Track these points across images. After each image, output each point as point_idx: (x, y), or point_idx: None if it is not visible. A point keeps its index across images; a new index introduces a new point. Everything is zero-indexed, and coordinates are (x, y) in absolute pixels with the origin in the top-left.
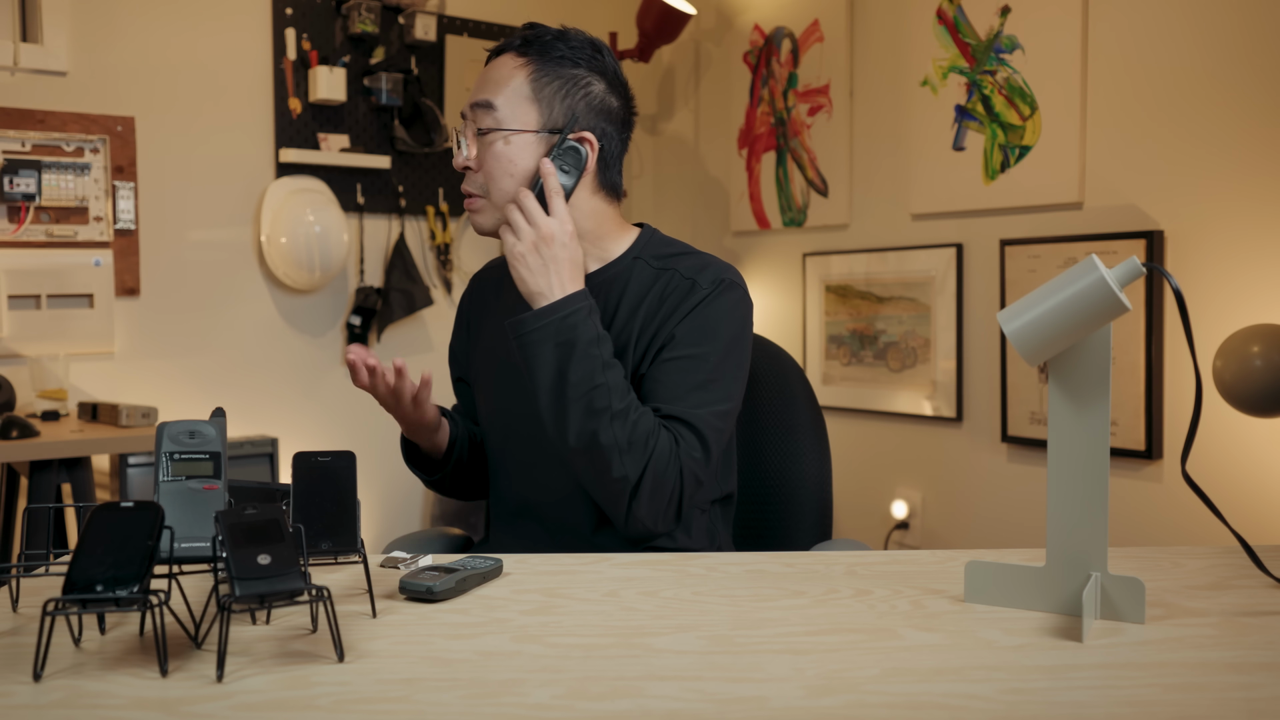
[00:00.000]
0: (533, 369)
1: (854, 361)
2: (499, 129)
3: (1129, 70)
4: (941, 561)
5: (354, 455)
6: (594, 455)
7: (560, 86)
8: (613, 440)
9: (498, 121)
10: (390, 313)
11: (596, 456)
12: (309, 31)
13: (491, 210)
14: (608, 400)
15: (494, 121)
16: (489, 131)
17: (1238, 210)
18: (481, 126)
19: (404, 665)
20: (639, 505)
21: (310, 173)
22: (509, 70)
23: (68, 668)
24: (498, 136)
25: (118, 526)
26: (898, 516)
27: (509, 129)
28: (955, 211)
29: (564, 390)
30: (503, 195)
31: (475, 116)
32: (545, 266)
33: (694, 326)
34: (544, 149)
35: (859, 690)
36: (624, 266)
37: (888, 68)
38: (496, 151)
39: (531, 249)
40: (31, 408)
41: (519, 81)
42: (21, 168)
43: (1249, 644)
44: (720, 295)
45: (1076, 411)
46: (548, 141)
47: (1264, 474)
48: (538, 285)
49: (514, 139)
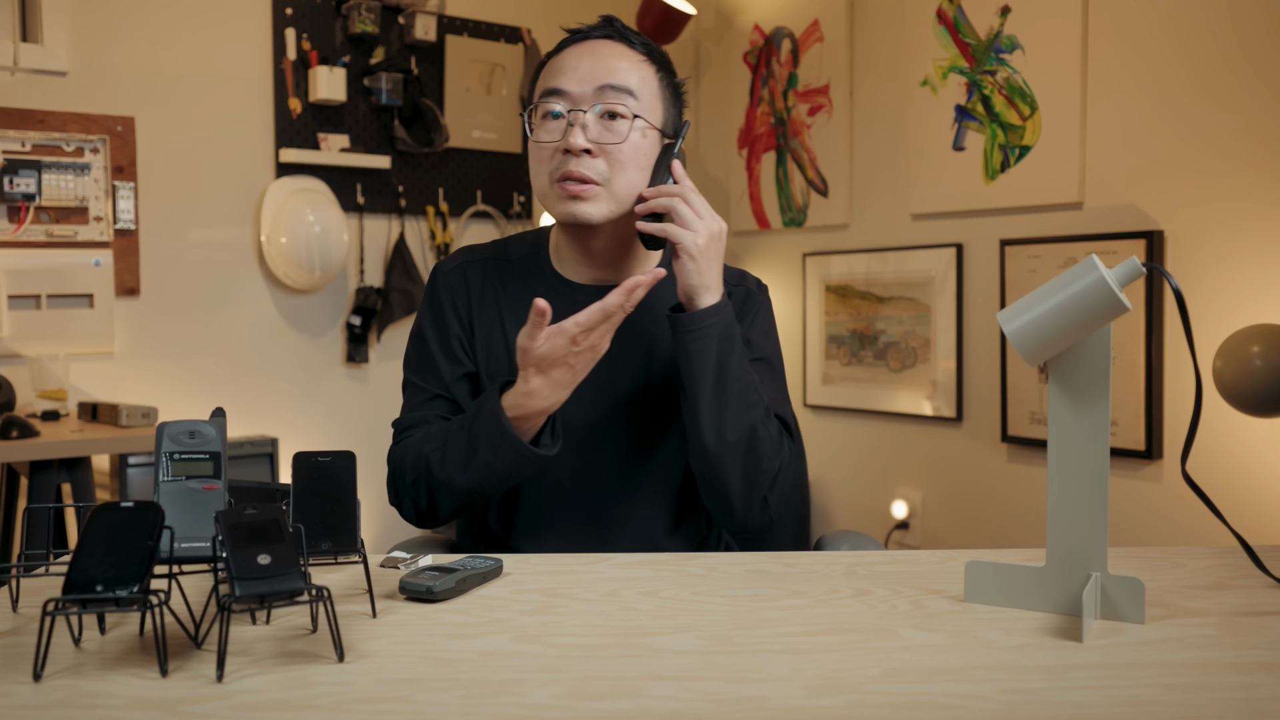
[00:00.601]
0: (694, 365)
1: (854, 361)
2: (642, 118)
3: (1129, 70)
4: (941, 561)
5: (354, 455)
6: (751, 448)
7: (674, 95)
8: (766, 434)
9: (639, 111)
10: (390, 313)
11: (753, 449)
12: (309, 31)
13: (608, 200)
14: (758, 395)
15: (635, 109)
16: (625, 118)
17: (1238, 210)
18: (617, 111)
19: (404, 665)
20: (774, 495)
21: (310, 173)
22: (636, 63)
23: (68, 668)
24: (638, 125)
25: (118, 526)
26: (898, 516)
27: (649, 121)
28: (955, 211)
29: (726, 385)
30: (629, 187)
31: (607, 100)
32: (714, 263)
33: (761, 330)
34: (657, 150)
35: (859, 690)
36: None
37: (888, 68)
38: (634, 141)
39: (709, 243)
40: (31, 408)
41: (649, 75)
42: (21, 168)
43: (1249, 644)
44: (767, 298)
45: (1076, 411)
46: (661, 144)
47: (1264, 474)
48: (709, 281)
49: (649, 133)
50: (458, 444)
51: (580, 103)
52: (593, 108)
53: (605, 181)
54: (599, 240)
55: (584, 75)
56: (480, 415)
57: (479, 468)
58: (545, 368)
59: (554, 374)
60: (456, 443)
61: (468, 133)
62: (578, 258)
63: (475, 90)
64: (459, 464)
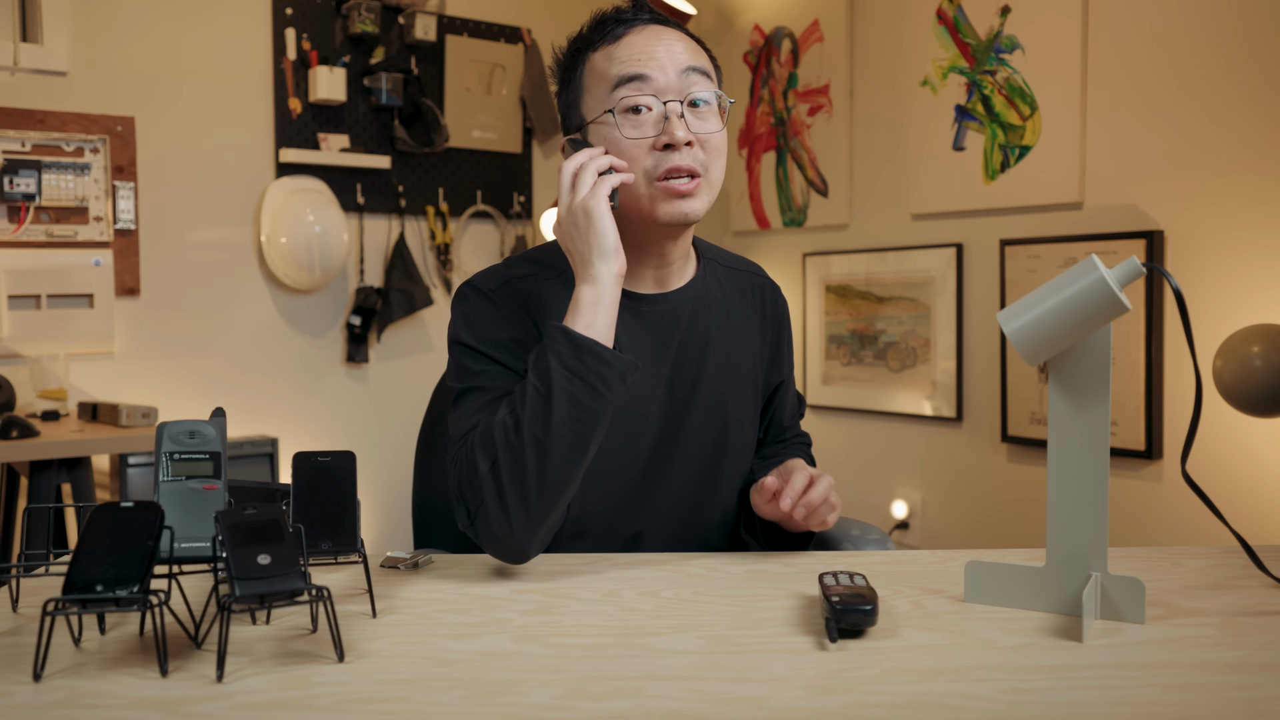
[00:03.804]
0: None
1: (854, 361)
2: (724, 108)
3: (1129, 70)
4: (941, 561)
5: (354, 455)
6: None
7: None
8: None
9: (721, 101)
10: (390, 313)
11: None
12: (309, 31)
13: (708, 192)
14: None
15: (718, 99)
16: (711, 104)
17: (1238, 210)
18: (706, 99)
19: (404, 665)
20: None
21: (310, 173)
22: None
23: (68, 668)
24: (720, 115)
25: (118, 526)
26: (898, 516)
27: (725, 110)
28: (955, 211)
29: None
30: (721, 176)
31: (693, 85)
32: None
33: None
34: None
35: (859, 690)
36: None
37: (888, 68)
38: (722, 132)
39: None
40: (31, 408)
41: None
42: (21, 168)
43: (1249, 644)
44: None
45: (1076, 411)
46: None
47: (1264, 474)
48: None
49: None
50: (530, 396)
51: (668, 91)
52: (685, 96)
53: (705, 172)
54: (682, 243)
55: (664, 61)
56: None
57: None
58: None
59: None
60: (528, 396)
61: (468, 133)
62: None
63: (475, 90)
64: (538, 417)
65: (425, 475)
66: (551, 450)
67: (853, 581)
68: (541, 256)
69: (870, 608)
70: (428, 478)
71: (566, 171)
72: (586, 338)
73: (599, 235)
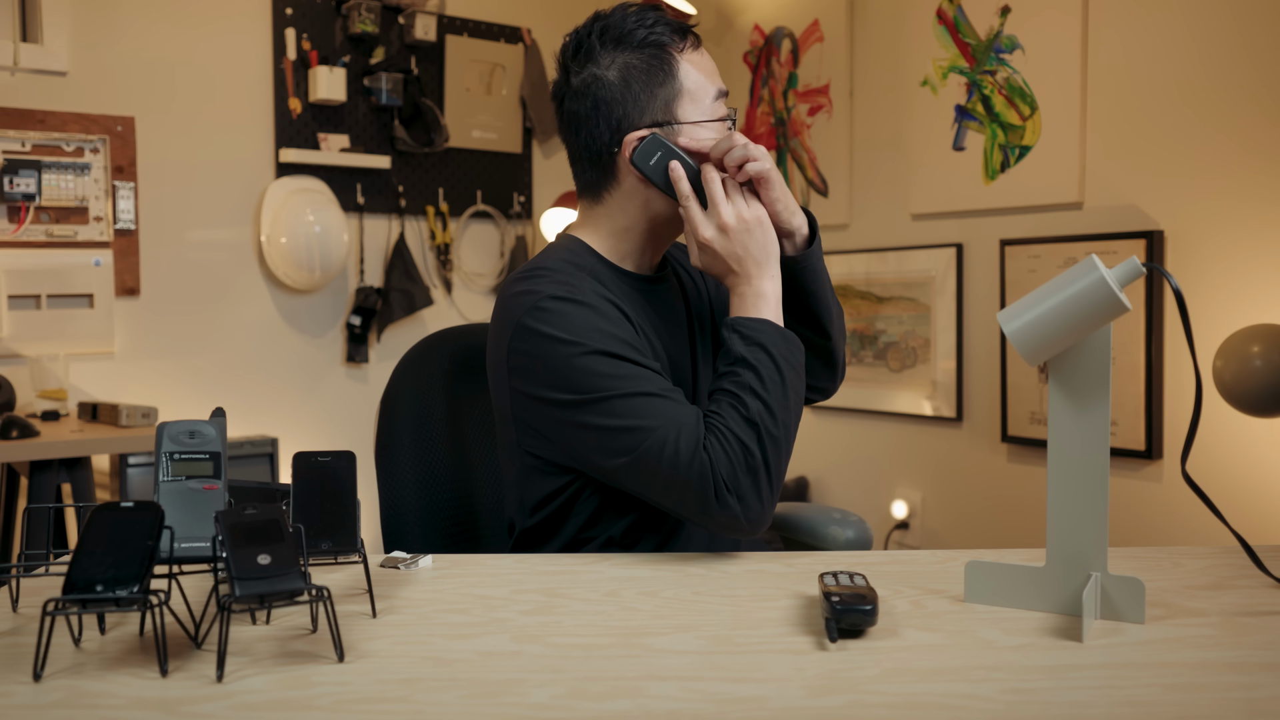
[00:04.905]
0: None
1: (854, 361)
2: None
3: (1129, 70)
4: (941, 561)
5: (354, 455)
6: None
7: None
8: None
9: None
10: (390, 313)
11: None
12: (309, 31)
13: None
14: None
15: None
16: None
17: (1238, 210)
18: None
19: (404, 665)
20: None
21: (310, 173)
22: None
23: (68, 668)
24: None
25: (118, 526)
26: (898, 516)
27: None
28: (955, 211)
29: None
30: None
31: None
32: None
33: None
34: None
35: (859, 690)
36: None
37: (888, 68)
38: None
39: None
40: (31, 408)
41: None
42: (21, 168)
43: (1249, 644)
44: None
45: (1076, 411)
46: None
47: (1264, 474)
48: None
49: None
50: (770, 382)
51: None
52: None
53: None
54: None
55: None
56: (756, 344)
57: (792, 386)
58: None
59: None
60: (766, 382)
61: (468, 133)
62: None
63: (475, 90)
64: (781, 403)
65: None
66: (793, 428)
67: (853, 581)
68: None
69: (870, 608)
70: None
71: (715, 183)
72: (787, 330)
73: (774, 241)
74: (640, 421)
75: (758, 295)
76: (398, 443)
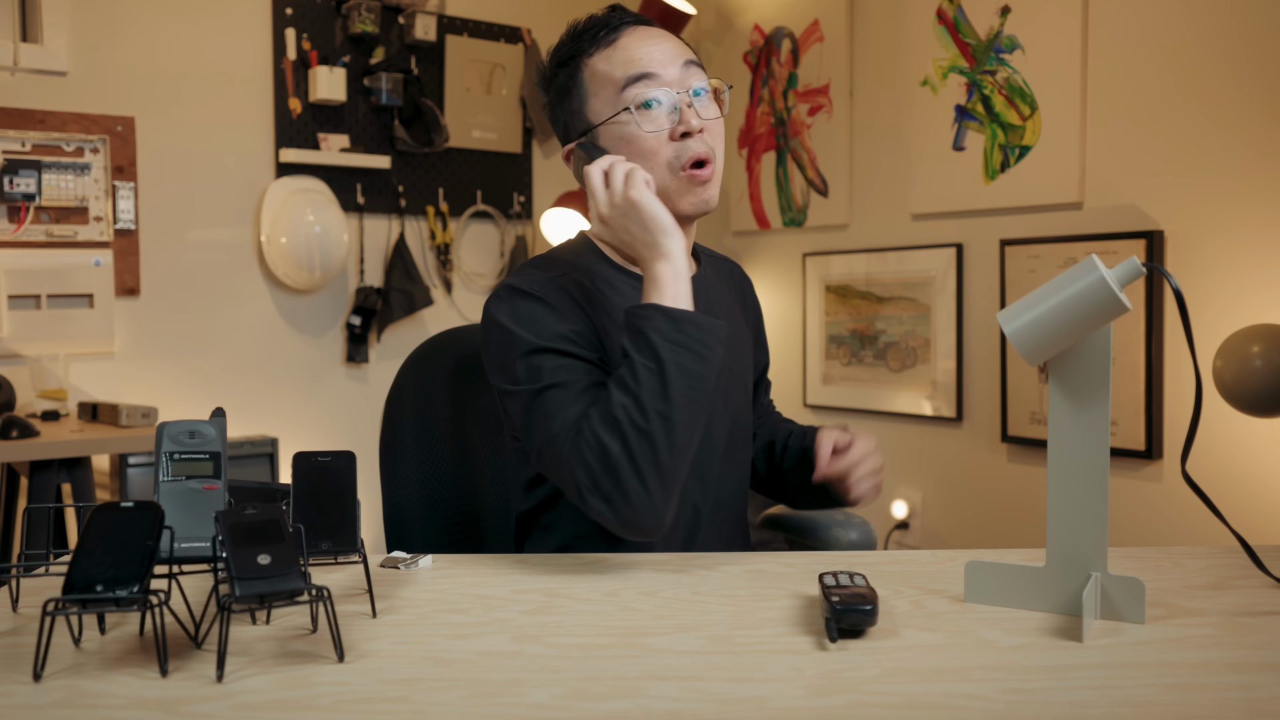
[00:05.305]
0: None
1: (854, 361)
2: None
3: (1129, 70)
4: (941, 561)
5: (354, 455)
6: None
7: None
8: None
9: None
10: (390, 313)
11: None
12: (309, 31)
13: (718, 179)
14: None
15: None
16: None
17: (1238, 210)
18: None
19: (404, 665)
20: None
21: (310, 173)
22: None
23: (68, 668)
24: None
25: (118, 526)
26: (898, 516)
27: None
28: (955, 211)
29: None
30: (723, 166)
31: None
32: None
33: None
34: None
35: (859, 690)
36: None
37: (888, 68)
38: (721, 119)
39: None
40: (31, 408)
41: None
42: (21, 168)
43: (1249, 644)
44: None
45: (1076, 411)
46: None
47: (1264, 474)
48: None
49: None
50: (643, 374)
51: (673, 85)
52: (688, 88)
53: (714, 158)
54: (691, 234)
55: (663, 58)
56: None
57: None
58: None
59: None
60: (639, 375)
61: (468, 133)
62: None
63: (475, 90)
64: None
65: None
66: (676, 420)
67: (853, 581)
68: (558, 259)
69: (870, 608)
70: (395, 484)
71: (596, 172)
72: (680, 310)
73: (654, 216)
74: (554, 420)
75: (651, 280)
76: (401, 443)
